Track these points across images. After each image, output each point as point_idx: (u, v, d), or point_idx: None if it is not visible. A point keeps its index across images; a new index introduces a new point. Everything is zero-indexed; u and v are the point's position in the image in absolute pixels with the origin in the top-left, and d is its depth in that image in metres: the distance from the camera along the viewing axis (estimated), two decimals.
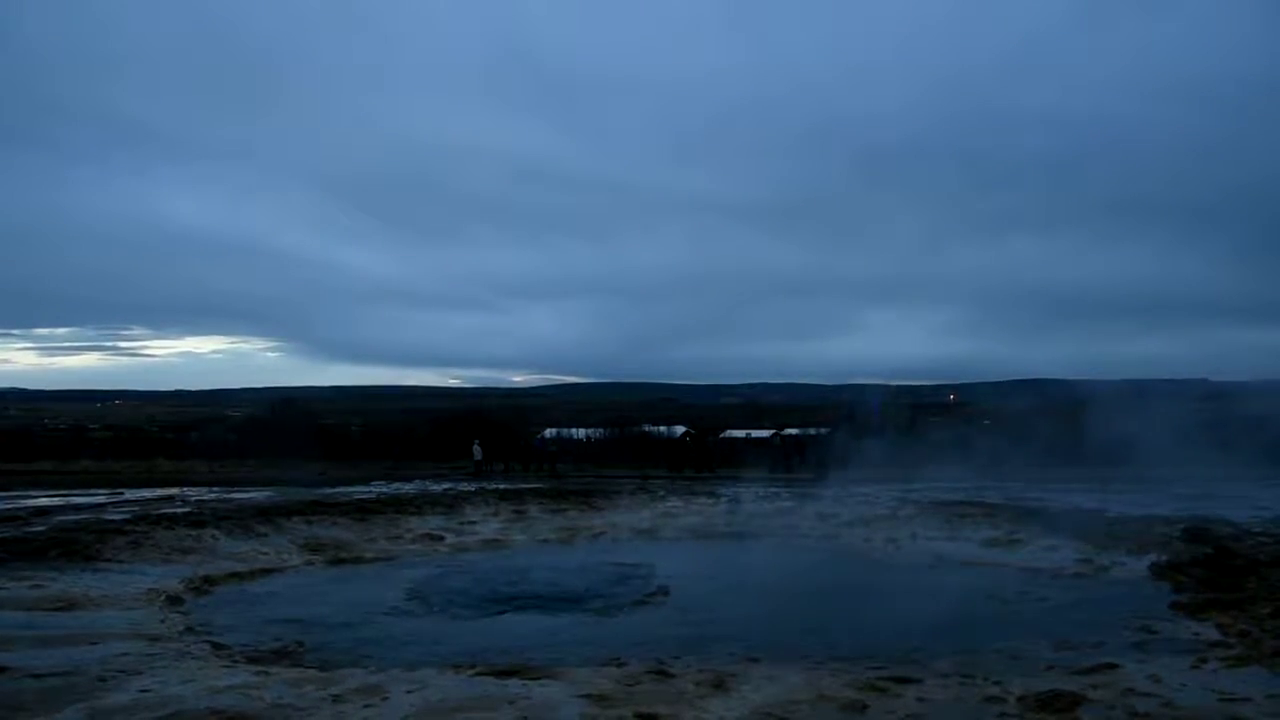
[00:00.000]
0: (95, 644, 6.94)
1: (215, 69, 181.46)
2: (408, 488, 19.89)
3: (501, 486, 19.89)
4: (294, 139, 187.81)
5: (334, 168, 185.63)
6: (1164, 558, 10.98)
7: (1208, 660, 6.56)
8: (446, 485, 20.52)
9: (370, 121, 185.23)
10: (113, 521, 12.80)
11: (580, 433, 43.31)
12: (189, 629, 8.16)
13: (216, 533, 12.93)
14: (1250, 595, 8.61)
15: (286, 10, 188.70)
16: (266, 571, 11.78)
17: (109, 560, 10.96)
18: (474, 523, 15.94)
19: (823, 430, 40.51)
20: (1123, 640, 7.53)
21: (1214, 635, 7.52)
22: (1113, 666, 6.38)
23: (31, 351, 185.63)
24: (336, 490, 18.64)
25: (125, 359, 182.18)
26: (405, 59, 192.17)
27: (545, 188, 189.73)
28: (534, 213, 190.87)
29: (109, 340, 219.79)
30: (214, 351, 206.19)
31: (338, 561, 12.74)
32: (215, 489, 19.76)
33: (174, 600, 9.52)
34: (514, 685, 5.83)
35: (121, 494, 18.30)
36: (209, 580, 10.80)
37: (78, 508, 15.10)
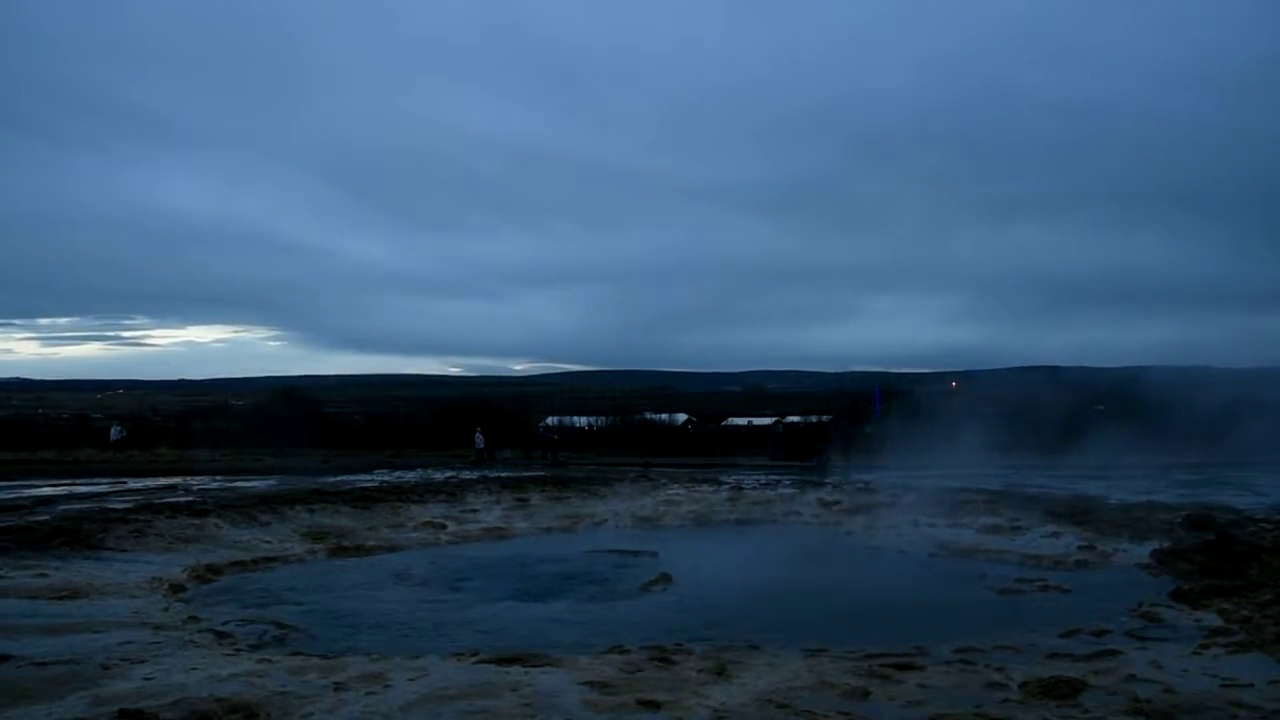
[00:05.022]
0: (99, 632, 6.96)
1: (215, 57, 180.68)
2: (409, 476, 19.91)
3: (503, 475, 19.90)
4: (294, 126, 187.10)
5: (334, 155, 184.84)
6: (1166, 545, 10.99)
7: (1209, 647, 6.58)
8: (448, 473, 20.54)
9: (370, 108, 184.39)
10: (116, 510, 12.82)
11: (582, 421, 43.35)
12: (192, 617, 8.17)
13: (219, 521, 12.95)
14: (1252, 582, 8.61)
15: None
16: (269, 560, 11.80)
17: (112, 549, 11.00)
18: (476, 511, 15.95)
19: (824, 418, 40.56)
20: (1124, 627, 7.54)
21: (1216, 622, 7.53)
22: (1114, 653, 6.40)
23: (34, 341, 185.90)
24: (339, 479, 18.67)
25: (128, 348, 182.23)
26: (404, 45, 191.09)
27: (545, 174, 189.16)
28: (534, 199, 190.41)
29: (111, 330, 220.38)
30: (216, 340, 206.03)
31: (340, 550, 12.76)
32: (218, 478, 19.80)
33: (177, 588, 9.55)
34: (516, 672, 5.84)
35: (124, 483, 18.33)
36: (212, 569, 10.83)
37: (81, 497, 15.13)
